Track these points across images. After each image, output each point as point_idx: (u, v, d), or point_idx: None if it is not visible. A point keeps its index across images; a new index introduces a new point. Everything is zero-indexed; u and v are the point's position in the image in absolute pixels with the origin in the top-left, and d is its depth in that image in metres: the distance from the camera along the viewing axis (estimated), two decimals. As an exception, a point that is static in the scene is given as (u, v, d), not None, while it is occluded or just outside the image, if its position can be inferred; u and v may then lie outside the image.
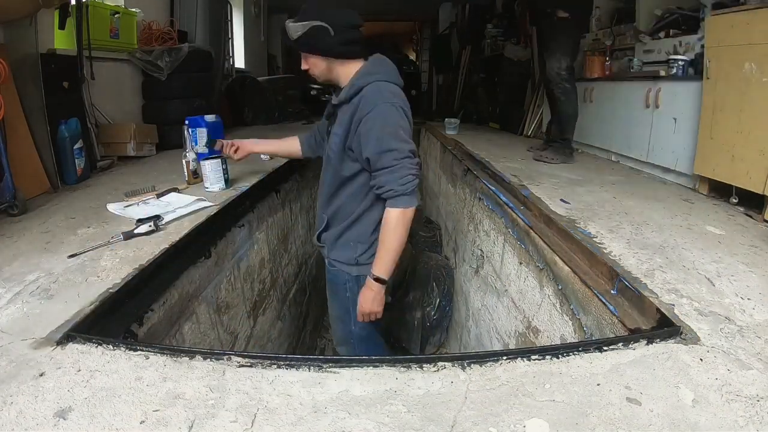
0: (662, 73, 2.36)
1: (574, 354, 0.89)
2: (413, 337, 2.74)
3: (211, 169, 1.92)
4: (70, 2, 2.34)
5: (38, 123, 2.02)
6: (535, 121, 4.06)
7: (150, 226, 1.44)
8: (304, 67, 1.45)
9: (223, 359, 0.86)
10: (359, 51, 1.42)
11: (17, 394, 0.76)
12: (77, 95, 2.40)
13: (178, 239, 1.41)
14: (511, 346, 1.84)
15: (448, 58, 7.22)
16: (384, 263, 1.38)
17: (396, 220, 1.34)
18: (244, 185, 2.03)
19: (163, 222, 1.52)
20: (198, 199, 1.76)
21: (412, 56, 11.55)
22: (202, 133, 2.53)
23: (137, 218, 1.51)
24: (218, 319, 1.63)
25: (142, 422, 0.70)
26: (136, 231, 1.42)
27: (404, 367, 0.85)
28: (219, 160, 1.93)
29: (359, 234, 1.48)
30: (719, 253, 1.35)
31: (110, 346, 0.89)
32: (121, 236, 1.39)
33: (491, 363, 0.86)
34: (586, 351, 0.90)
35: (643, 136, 2.51)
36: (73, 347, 0.89)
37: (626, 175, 2.45)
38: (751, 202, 1.79)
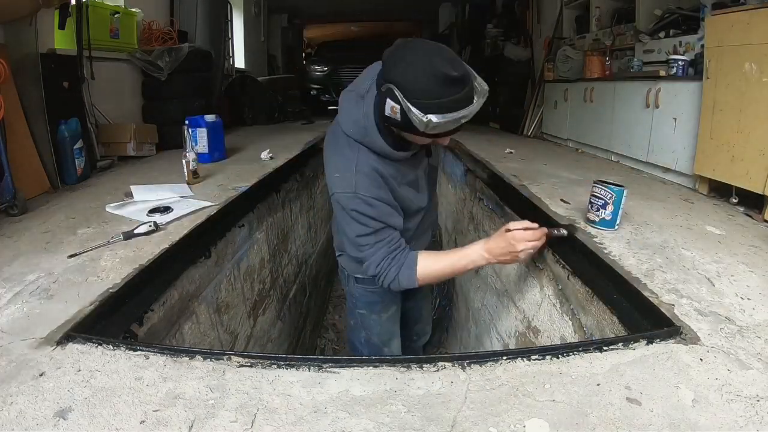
0: (662, 73, 2.36)
1: (574, 354, 0.89)
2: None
3: None
4: (70, 2, 2.34)
5: (38, 123, 2.02)
6: (535, 121, 4.06)
7: (150, 226, 1.44)
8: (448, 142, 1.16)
9: (223, 359, 0.86)
10: None
11: (17, 394, 0.76)
12: (77, 95, 2.40)
13: (178, 239, 1.41)
14: (511, 346, 1.84)
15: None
16: None
17: None
18: (244, 185, 2.03)
19: (164, 222, 1.52)
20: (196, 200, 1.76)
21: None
22: (202, 133, 2.54)
23: (147, 210, 1.59)
24: (218, 319, 1.63)
25: (142, 422, 0.70)
26: (136, 231, 1.42)
27: (404, 367, 0.85)
28: None
29: None
30: (719, 253, 1.35)
31: (110, 346, 0.89)
32: (121, 236, 1.39)
33: (491, 363, 0.86)
34: (586, 351, 0.90)
35: (643, 136, 2.51)
36: (73, 347, 0.89)
37: (626, 175, 2.45)
38: (751, 202, 1.79)
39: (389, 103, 0.98)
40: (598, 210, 1.47)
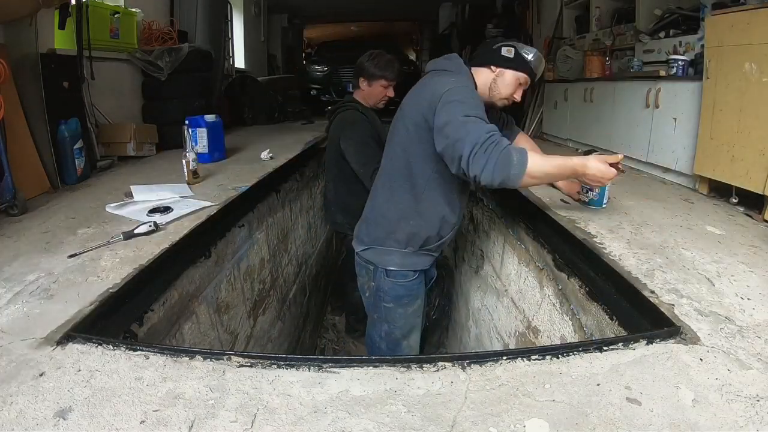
0: (662, 73, 2.35)
1: (574, 354, 0.89)
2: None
3: None
4: (70, 2, 2.34)
5: (38, 123, 2.02)
6: (536, 121, 4.06)
7: (150, 226, 1.44)
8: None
9: (223, 359, 0.86)
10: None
11: (17, 394, 0.76)
12: (77, 95, 2.40)
13: (178, 239, 1.41)
14: (511, 346, 1.84)
15: (448, 58, 7.23)
16: None
17: None
18: (244, 185, 2.03)
19: (164, 222, 1.52)
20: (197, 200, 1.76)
21: (412, 56, 11.56)
22: (202, 133, 2.54)
23: (147, 210, 1.59)
24: (218, 319, 1.63)
25: (142, 422, 0.71)
26: (136, 231, 1.42)
27: (404, 367, 0.85)
28: None
29: None
30: (719, 253, 1.35)
31: (110, 346, 0.89)
32: (121, 236, 1.39)
33: (491, 363, 0.86)
34: (586, 351, 0.90)
35: (643, 136, 2.51)
36: (73, 347, 0.89)
37: (626, 175, 2.44)
38: (751, 202, 1.79)
39: (504, 49, 1.44)
40: (587, 192, 1.73)
